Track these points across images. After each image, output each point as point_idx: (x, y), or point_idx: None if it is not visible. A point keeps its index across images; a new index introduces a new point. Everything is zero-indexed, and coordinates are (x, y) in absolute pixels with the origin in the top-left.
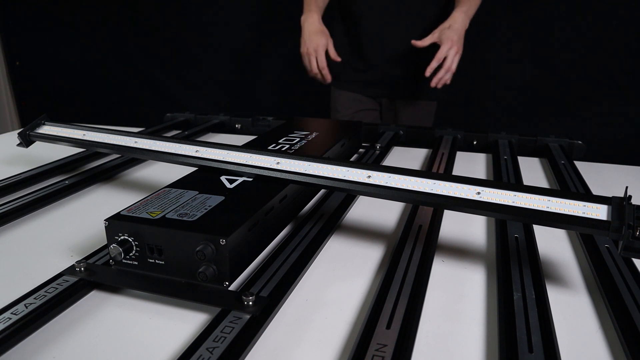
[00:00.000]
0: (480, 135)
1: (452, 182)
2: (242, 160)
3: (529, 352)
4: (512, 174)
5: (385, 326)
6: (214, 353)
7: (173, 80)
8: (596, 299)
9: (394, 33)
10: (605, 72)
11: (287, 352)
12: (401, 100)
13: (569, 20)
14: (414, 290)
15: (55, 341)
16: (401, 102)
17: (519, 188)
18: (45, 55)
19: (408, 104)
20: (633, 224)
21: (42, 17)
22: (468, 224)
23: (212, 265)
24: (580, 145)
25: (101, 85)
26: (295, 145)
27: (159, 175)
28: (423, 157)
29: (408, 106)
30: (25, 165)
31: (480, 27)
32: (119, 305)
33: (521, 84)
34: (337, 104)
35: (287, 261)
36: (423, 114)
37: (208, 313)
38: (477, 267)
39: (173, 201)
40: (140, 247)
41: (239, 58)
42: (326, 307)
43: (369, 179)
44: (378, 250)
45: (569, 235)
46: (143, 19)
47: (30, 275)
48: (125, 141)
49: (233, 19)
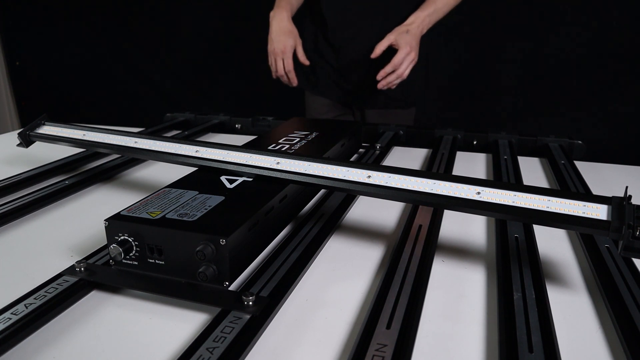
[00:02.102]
0: (480, 135)
1: (452, 182)
2: (242, 160)
3: (529, 352)
4: (512, 174)
5: (385, 326)
6: (214, 353)
7: (173, 80)
8: (596, 299)
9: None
10: (605, 72)
11: (287, 352)
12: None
13: (569, 20)
14: (414, 290)
15: (55, 341)
16: (370, 112)
17: (519, 188)
18: (45, 55)
19: (375, 114)
20: (633, 223)
21: (42, 17)
22: (468, 224)
23: (212, 265)
24: (580, 145)
25: (101, 85)
26: (295, 145)
27: (159, 175)
28: (423, 157)
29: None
30: (25, 165)
31: (480, 26)
32: (119, 305)
33: (521, 84)
34: (311, 108)
35: (287, 261)
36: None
37: (208, 313)
38: (477, 267)
39: (173, 201)
40: (140, 247)
41: (239, 58)
42: (326, 307)
43: (369, 179)
44: (378, 250)
45: (569, 235)
46: (143, 19)
47: (30, 275)
48: (125, 141)
49: (233, 19)
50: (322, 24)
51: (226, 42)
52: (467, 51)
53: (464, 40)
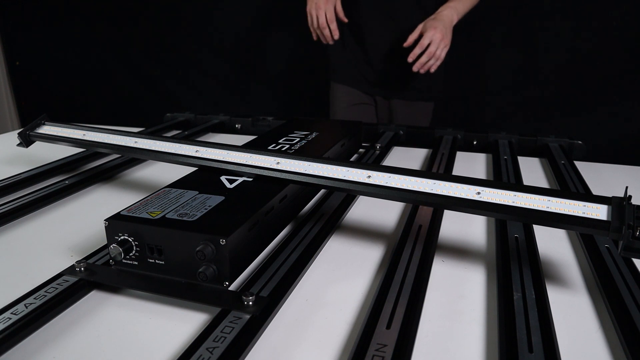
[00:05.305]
0: (480, 135)
1: (452, 182)
2: (242, 160)
3: (529, 352)
4: (512, 174)
5: (385, 326)
6: (214, 353)
7: (173, 80)
8: (596, 299)
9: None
10: (605, 72)
11: (287, 352)
12: (396, 100)
13: (569, 20)
14: (414, 290)
15: (55, 341)
16: (396, 102)
17: (519, 188)
18: (45, 55)
19: (403, 105)
20: (633, 224)
21: (42, 17)
22: (468, 224)
23: (212, 265)
24: (580, 145)
25: (101, 85)
26: (295, 145)
27: (159, 175)
28: (423, 157)
29: (403, 106)
30: (25, 165)
31: (480, 26)
32: (119, 305)
33: (521, 84)
34: (334, 97)
35: (287, 261)
36: (418, 115)
37: (208, 313)
38: (477, 267)
39: (173, 201)
40: (140, 247)
41: (239, 58)
42: (326, 307)
43: (369, 179)
44: (378, 250)
45: (569, 235)
46: (143, 19)
47: (30, 275)
48: (125, 141)
49: (233, 19)
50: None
51: (226, 42)
52: (467, 51)
53: (464, 40)
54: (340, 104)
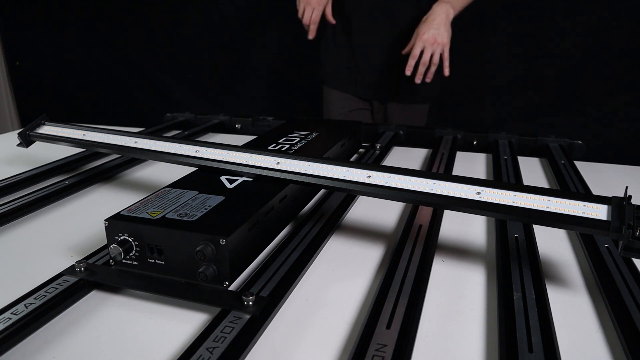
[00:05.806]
0: (480, 135)
1: (452, 182)
2: (242, 160)
3: (529, 352)
4: (512, 174)
5: (385, 326)
6: (214, 353)
7: (173, 81)
8: (596, 299)
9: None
10: (605, 72)
11: (287, 352)
12: (392, 103)
13: (568, 20)
14: (414, 290)
15: (55, 341)
16: (392, 105)
17: (519, 188)
18: (45, 55)
19: (398, 107)
20: (633, 224)
21: (42, 17)
22: (468, 224)
23: (212, 265)
24: (580, 145)
25: (101, 85)
26: (295, 145)
27: (159, 175)
28: (423, 157)
29: (399, 109)
30: (25, 165)
31: (479, 26)
32: (119, 305)
33: (521, 84)
34: (329, 102)
35: (287, 261)
36: (414, 117)
37: (208, 313)
38: (477, 267)
39: (173, 201)
40: (140, 247)
41: (240, 58)
42: (326, 307)
43: (369, 179)
44: (378, 250)
45: (569, 235)
46: (143, 18)
47: (30, 275)
48: (125, 141)
49: (233, 19)
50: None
51: (226, 42)
52: (467, 50)
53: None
54: (336, 110)
